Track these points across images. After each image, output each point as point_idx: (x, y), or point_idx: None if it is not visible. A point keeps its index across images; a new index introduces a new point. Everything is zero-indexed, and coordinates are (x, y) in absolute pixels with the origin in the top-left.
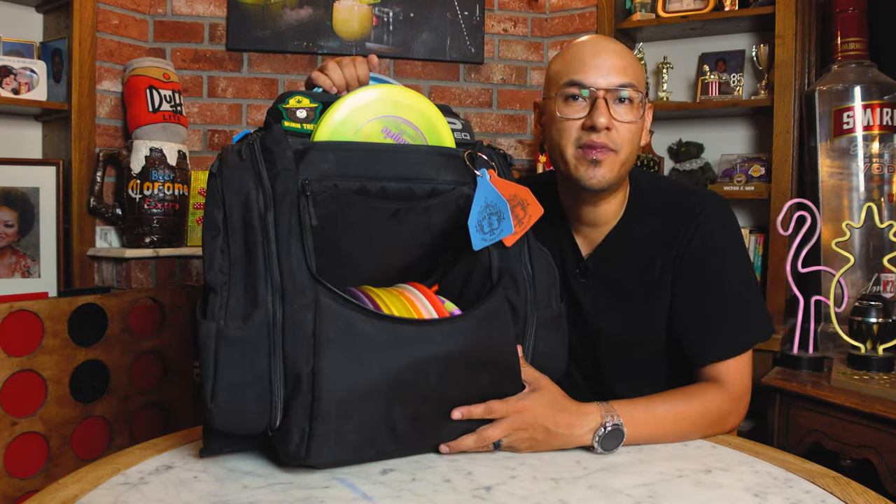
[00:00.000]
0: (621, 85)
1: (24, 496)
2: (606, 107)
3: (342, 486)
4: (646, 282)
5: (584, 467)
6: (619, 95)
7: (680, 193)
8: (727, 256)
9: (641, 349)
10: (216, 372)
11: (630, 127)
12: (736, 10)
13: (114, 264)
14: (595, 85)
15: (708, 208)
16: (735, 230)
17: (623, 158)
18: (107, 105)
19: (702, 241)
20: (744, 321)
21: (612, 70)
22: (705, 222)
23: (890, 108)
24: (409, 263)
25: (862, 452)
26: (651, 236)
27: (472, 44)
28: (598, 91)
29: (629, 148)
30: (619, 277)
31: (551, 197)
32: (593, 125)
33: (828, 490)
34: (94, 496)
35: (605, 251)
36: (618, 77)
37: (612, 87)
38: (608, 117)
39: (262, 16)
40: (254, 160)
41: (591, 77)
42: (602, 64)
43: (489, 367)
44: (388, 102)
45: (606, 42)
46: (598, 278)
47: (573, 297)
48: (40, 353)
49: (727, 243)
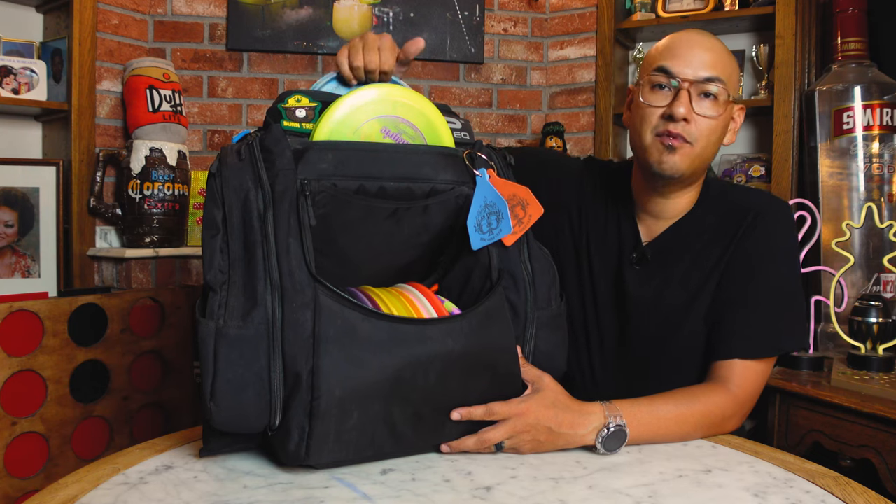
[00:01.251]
0: (707, 79)
1: (24, 496)
2: (689, 98)
3: (342, 486)
4: (697, 276)
5: (584, 467)
6: (703, 89)
7: (747, 195)
8: (777, 260)
9: (676, 344)
10: (215, 371)
11: (709, 122)
12: (736, 10)
13: (114, 264)
14: (681, 75)
15: (770, 212)
16: (792, 239)
17: (698, 151)
18: (107, 105)
19: (756, 241)
20: (774, 328)
21: (702, 64)
22: (764, 223)
23: (890, 108)
24: (408, 263)
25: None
26: (711, 232)
27: (472, 44)
28: (684, 82)
29: (705, 142)
30: (673, 270)
31: (622, 182)
32: (672, 114)
33: (828, 490)
34: (94, 496)
35: (664, 242)
36: (705, 71)
37: (697, 79)
38: (688, 108)
39: (262, 16)
40: (253, 160)
41: (679, 67)
42: (692, 56)
43: (489, 367)
44: (388, 102)
45: (702, 36)
46: (652, 267)
47: (621, 282)
48: (40, 353)
49: (780, 248)
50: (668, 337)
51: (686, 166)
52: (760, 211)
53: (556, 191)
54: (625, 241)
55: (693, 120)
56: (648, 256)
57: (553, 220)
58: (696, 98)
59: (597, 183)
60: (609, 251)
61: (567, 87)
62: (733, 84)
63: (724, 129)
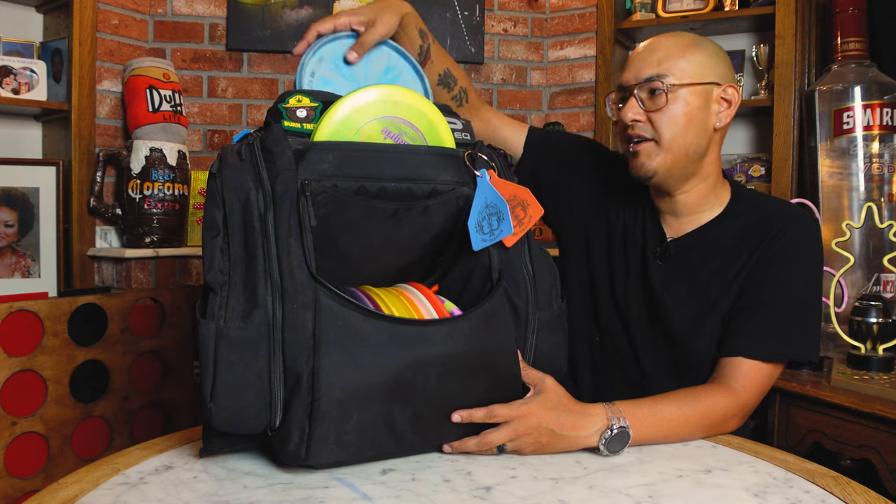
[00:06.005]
0: (648, 78)
1: (24, 496)
2: (637, 101)
3: (342, 486)
4: (719, 281)
5: (584, 467)
6: (648, 87)
7: (776, 206)
8: (799, 270)
9: (689, 346)
10: (216, 372)
11: (661, 114)
12: (736, 10)
13: (114, 264)
14: (627, 83)
15: (798, 225)
16: (814, 253)
17: (666, 145)
18: (107, 105)
19: (780, 250)
20: (782, 333)
21: (644, 65)
22: (789, 234)
23: (890, 108)
24: (408, 263)
25: (862, 452)
26: (737, 239)
27: (472, 44)
28: (631, 88)
29: (670, 133)
30: (697, 270)
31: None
32: (622, 120)
33: (828, 490)
34: (93, 496)
35: (689, 241)
36: (647, 70)
37: (639, 80)
38: (635, 110)
39: (262, 16)
40: (253, 160)
41: (625, 77)
42: (635, 62)
43: (489, 368)
44: (389, 103)
45: (654, 40)
46: (675, 264)
47: (644, 276)
48: (40, 353)
49: (801, 259)
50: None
51: (656, 164)
52: (787, 223)
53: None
54: (648, 236)
55: (646, 118)
56: (672, 252)
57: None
58: (647, 99)
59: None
60: (636, 244)
61: (567, 87)
62: (687, 72)
63: (690, 115)
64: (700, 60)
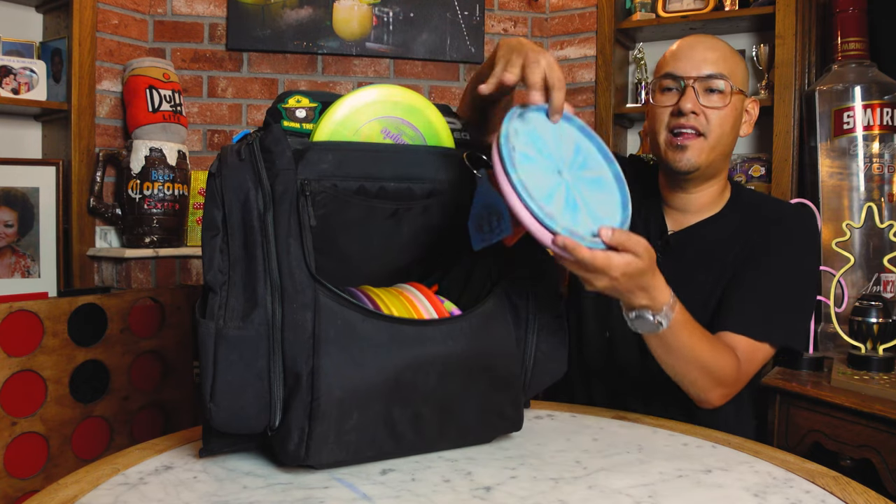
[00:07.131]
0: (710, 75)
1: (24, 496)
2: (694, 94)
3: (342, 486)
4: (716, 273)
5: (584, 467)
6: (708, 85)
7: (776, 204)
8: (794, 259)
9: None
10: (215, 372)
11: (718, 113)
12: (736, 9)
13: (114, 264)
14: (685, 74)
15: (796, 218)
16: (809, 244)
17: (712, 143)
18: (107, 105)
19: (776, 238)
20: (775, 314)
21: (704, 61)
22: (787, 225)
23: (890, 108)
24: (408, 263)
25: (862, 452)
26: (735, 233)
27: (472, 44)
28: (688, 80)
29: (718, 133)
30: (696, 263)
31: (651, 177)
32: (680, 109)
33: (828, 490)
34: (93, 496)
35: (690, 236)
36: (708, 68)
37: (701, 75)
38: (694, 103)
39: (262, 16)
40: (253, 160)
41: (683, 68)
42: (694, 56)
43: (489, 368)
44: (388, 103)
45: (704, 38)
46: (675, 258)
47: None
48: (40, 353)
49: (799, 249)
50: None
51: (701, 160)
52: (784, 215)
53: None
54: (651, 229)
55: (701, 113)
56: (672, 245)
57: None
58: (702, 94)
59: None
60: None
61: (567, 86)
62: (738, 79)
63: (736, 120)
64: (744, 70)
